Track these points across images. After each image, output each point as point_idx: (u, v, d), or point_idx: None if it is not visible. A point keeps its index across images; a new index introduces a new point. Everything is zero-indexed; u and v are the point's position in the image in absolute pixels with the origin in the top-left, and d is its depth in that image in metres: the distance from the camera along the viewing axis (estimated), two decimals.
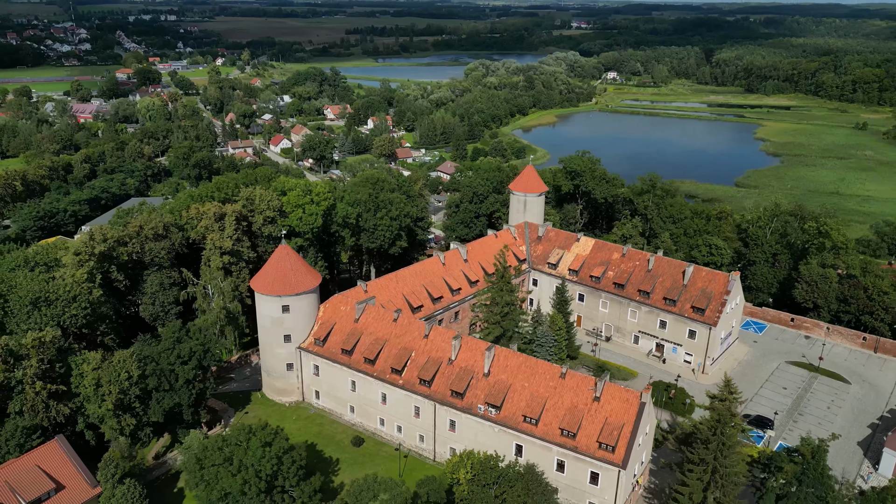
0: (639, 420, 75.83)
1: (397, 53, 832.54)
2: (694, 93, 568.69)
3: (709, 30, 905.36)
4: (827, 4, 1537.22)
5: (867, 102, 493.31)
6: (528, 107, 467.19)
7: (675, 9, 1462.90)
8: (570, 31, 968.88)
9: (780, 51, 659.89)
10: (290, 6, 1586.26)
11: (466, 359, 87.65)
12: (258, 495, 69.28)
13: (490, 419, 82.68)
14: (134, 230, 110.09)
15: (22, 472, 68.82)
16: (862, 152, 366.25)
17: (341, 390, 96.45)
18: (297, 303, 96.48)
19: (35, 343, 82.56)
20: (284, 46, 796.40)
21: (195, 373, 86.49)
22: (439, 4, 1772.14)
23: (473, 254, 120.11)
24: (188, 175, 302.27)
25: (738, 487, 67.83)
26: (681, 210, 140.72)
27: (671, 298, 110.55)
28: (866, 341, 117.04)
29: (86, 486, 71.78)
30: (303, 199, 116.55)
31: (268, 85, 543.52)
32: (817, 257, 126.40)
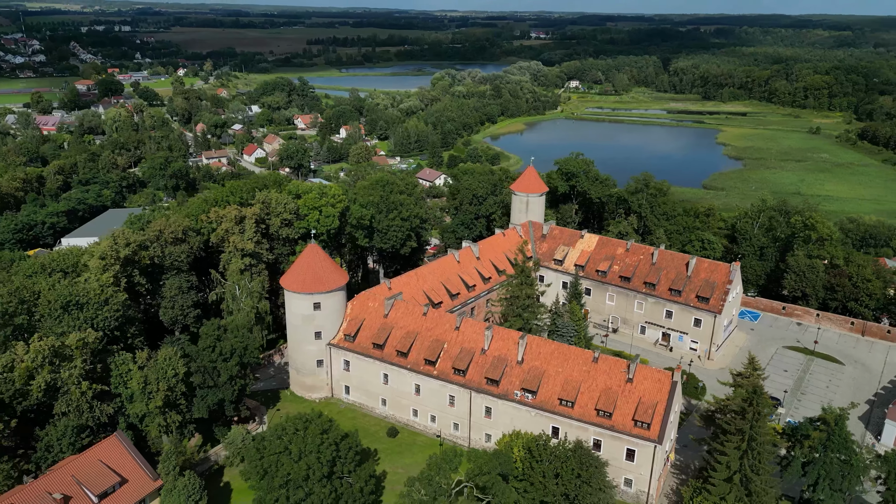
0: (671, 398, 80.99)
1: (360, 63, 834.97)
2: (654, 100, 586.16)
3: (663, 39, 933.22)
4: (771, 15, 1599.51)
5: (818, 108, 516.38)
6: (496, 115, 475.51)
7: (628, 20, 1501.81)
8: (529, 42, 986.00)
9: (734, 59, 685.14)
10: (247, 17, 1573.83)
11: (499, 348, 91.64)
12: (320, 481, 71.77)
13: (527, 404, 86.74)
14: (154, 234, 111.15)
15: (87, 467, 70.05)
16: (818, 155, 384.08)
17: (373, 384, 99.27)
18: (328, 300, 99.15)
19: (79, 344, 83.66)
20: (246, 57, 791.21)
21: (237, 369, 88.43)
22: (397, 15, 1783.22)
23: (485, 252, 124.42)
24: (165, 185, 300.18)
25: (770, 455, 73.29)
26: (673, 207, 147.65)
27: (676, 289, 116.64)
28: (854, 326, 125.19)
29: (147, 479, 73.26)
30: (319, 202, 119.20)
31: (235, 95, 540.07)
32: (804, 249, 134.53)
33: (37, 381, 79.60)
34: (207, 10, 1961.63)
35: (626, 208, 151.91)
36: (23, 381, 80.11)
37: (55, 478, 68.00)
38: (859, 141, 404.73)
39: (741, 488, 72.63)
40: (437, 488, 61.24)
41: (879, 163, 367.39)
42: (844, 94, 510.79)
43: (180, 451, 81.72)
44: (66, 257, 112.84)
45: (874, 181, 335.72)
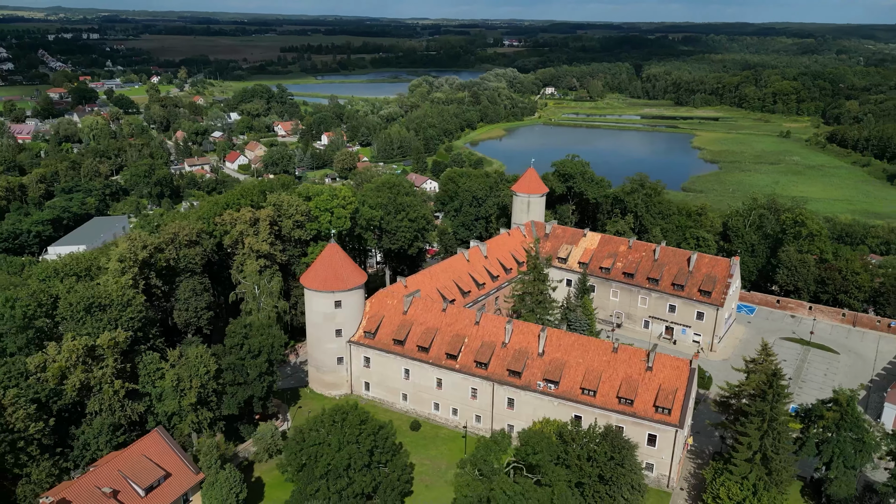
0: (690, 384, 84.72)
1: (336, 71, 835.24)
2: (629, 106, 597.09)
3: (633, 47, 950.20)
4: (735, 23, 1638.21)
5: (787, 113, 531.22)
6: (476, 121, 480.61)
7: (598, 27, 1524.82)
8: (503, 49, 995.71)
9: (704, 66, 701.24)
10: (217, 24, 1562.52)
11: (520, 341, 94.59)
12: (360, 470, 73.77)
13: (549, 394, 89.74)
14: (169, 237, 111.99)
15: (132, 462, 71.06)
16: (790, 158, 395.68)
17: (393, 379, 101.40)
18: (349, 298, 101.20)
19: (111, 343, 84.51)
20: (220, 64, 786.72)
21: (266, 366, 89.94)
22: (369, 23, 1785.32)
23: (492, 251, 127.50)
24: (149, 193, 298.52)
25: (789, 435, 77.26)
26: (668, 207, 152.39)
27: (679, 284, 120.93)
28: (845, 317, 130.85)
29: (189, 473, 74.45)
30: (330, 203, 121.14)
31: (212, 103, 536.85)
32: (794, 244, 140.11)
33: (71, 381, 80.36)
34: (176, 18, 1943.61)
35: (622, 208, 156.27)
36: (56, 380, 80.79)
37: (102, 473, 68.93)
38: (828, 144, 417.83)
39: (761, 467, 76.40)
40: (490, 468, 63.75)
41: (849, 165, 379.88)
42: (812, 99, 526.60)
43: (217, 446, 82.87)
44: (80, 261, 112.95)
45: (845, 182, 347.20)
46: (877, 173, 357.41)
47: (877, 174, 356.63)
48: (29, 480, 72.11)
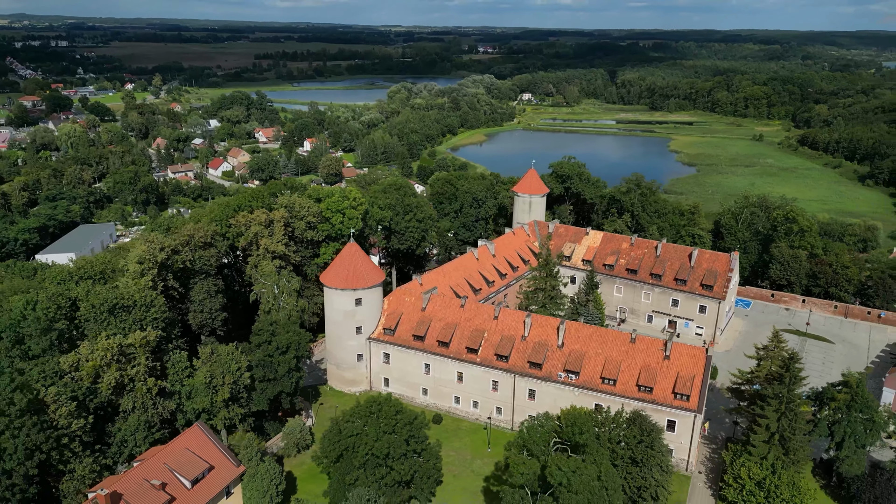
0: (707, 371, 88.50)
1: (312, 78, 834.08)
2: (605, 111, 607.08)
3: (606, 53, 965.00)
4: (703, 30, 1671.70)
5: (758, 117, 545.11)
6: (456, 127, 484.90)
7: (570, 34, 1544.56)
8: (478, 56, 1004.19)
9: (676, 71, 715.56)
10: (188, 31, 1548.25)
11: (539, 334, 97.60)
12: (398, 459, 75.88)
13: (570, 384, 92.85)
14: (184, 239, 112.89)
15: (176, 456, 72.34)
16: (764, 160, 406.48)
17: (413, 374, 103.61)
18: (369, 295, 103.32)
19: (143, 342, 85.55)
20: (195, 71, 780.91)
21: (294, 362, 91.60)
22: (342, 30, 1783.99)
23: (499, 250, 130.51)
24: (134, 200, 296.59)
25: (804, 416, 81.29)
26: (664, 205, 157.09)
27: (681, 279, 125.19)
28: (837, 309, 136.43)
29: (231, 465, 75.87)
30: (342, 204, 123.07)
31: (190, 110, 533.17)
32: (786, 240, 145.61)
33: (106, 379, 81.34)
34: (145, 25, 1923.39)
35: (619, 207, 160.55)
36: (90, 379, 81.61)
37: (149, 466, 70.13)
38: (800, 147, 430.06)
39: (779, 448, 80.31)
40: (539, 448, 66.41)
41: (821, 166, 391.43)
42: (782, 103, 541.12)
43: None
44: (94, 264, 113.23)
45: (818, 184, 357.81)
46: (848, 174, 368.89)
47: (848, 175, 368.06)
48: (72, 477, 72.93)
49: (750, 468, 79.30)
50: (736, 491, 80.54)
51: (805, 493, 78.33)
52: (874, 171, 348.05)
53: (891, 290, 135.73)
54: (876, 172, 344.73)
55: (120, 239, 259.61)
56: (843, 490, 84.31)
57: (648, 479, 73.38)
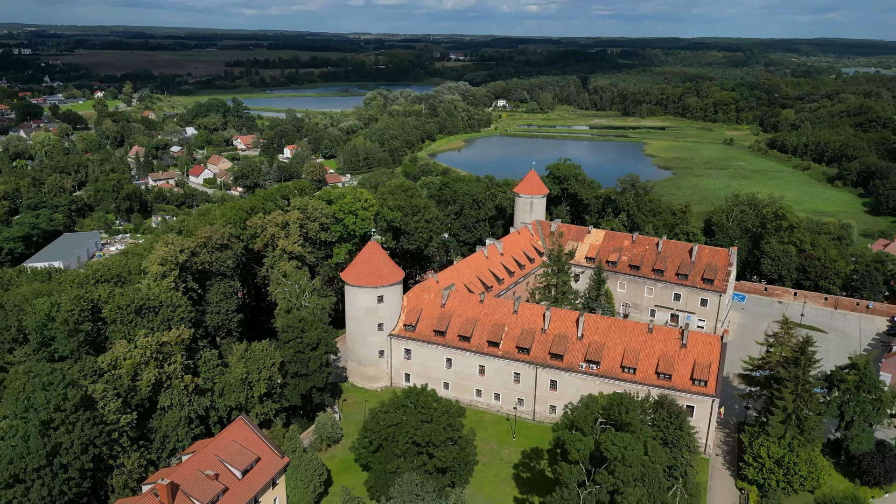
0: (723, 357, 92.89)
1: (285, 85, 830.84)
2: (578, 117, 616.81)
3: (577, 60, 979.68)
4: (667, 38, 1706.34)
5: (727, 121, 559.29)
6: (435, 133, 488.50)
7: (538, 42, 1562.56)
8: (451, 63, 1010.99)
9: (646, 77, 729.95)
10: (154, 39, 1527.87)
11: (558, 326, 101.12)
12: (438, 446, 78.39)
13: (591, 374, 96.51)
14: (202, 240, 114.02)
15: (225, 448, 73.92)
16: (736, 163, 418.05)
17: (435, 369, 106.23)
18: (390, 293, 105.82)
19: (178, 340, 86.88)
20: (166, 79, 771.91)
21: (325, 357, 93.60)
22: (310, 38, 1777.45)
23: (506, 249, 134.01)
24: (117, 208, 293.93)
25: (818, 396, 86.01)
26: (658, 205, 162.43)
27: (683, 273, 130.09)
28: (827, 301, 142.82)
29: (276, 457, 77.62)
30: (354, 206, 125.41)
31: (164, 117, 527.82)
32: (776, 236, 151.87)
33: (145, 376, 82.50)
34: (108, 33, 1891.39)
35: (614, 207, 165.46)
36: (129, 377, 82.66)
37: (201, 458, 71.58)
38: (770, 150, 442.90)
39: (795, 428, 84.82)
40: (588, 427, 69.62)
41: (791, 169, 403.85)
42: (750, 108, 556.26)
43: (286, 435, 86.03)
44: (111, 268, 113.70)
45: (789, 185, 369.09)
46: (817, 176, 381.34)
47: (817, 176, 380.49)
48: (122, 472, 73.97)
49: (769, 447, 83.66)
50: (756, 470, 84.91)
51: (821, 468, 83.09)
52: (842, 172, 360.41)
53: (876, 282, 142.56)
54: (844, 174, 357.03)
55: (105, 247, 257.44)
56: (852, 467, 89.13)
57: (679, 459, 77.12)
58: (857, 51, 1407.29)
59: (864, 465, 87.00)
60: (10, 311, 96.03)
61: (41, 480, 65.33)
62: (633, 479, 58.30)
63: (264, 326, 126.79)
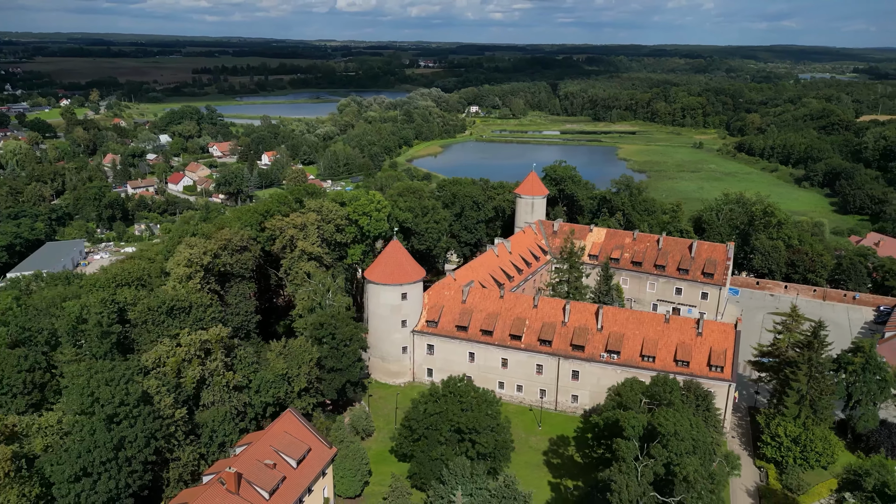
0: (737, 344, 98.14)
1: (255, 92, 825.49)
2: (551, 122, 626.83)
3: (544, 67, 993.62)
4: (631, 45, 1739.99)
5: (695, 126, 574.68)
6: (412, 138, 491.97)
7: (504, 49, 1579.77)
8: (420, 70, 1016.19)
9: (614, 83, 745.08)
10: (116, 46, 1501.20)
11: (578, 319, 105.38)
12: (481, 433, 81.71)
13: (612, 363, 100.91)
14: (223, 243, 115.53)
15: (279, 439, 76.10)
16: (707, 166, 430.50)
17: (457, 363, 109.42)
18: (413, 290, 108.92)
19: (218, 338, 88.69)
20: (133, 86, 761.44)
21: (359, 353, 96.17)
22: (276, 45, 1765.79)
23: (513, 248, 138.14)
24: (99, 216, 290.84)
25: (829, 378, 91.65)
26: (652, 204, 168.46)
27: (684, 268, 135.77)
28: (816, 293, 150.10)
29: (324, 447, 79.97)
30: (368, 207, 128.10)
31: (136, 125, 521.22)
32: (765, 232, 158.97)
33: (190, 373, 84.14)
34: (66, 40, 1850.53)
35: (610, 207, 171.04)
36: (174, 374, 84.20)
37: (257, 449, 73.62)
38: (738, 153, 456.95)
39: (808, 408, 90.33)
40: (637, 407, 73.66)
41: (759, 171, 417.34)
42: (716, 113, 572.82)
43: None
44: (131, 271, 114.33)
45: (759, 186, 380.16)
46: (785, 177, 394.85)
47: (785, 178, 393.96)
48: (178, 464, 75.58)
49: (786, 427, 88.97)
50: (774, 448, 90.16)
51: (835, 445, 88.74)
52: (809, 173, 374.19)
53: (861, 274, 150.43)
54: (811, 175, 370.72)
55: (90, 256, 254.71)
56: (860, 444, 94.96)
57: (707, 438, 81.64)
58: (812, 57, 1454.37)
59: (871, 441, 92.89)
60: (41, 314, 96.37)
61: (108, 473, 66.78)
62: (685, 451, 62.53)
63: (271, 329, 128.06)
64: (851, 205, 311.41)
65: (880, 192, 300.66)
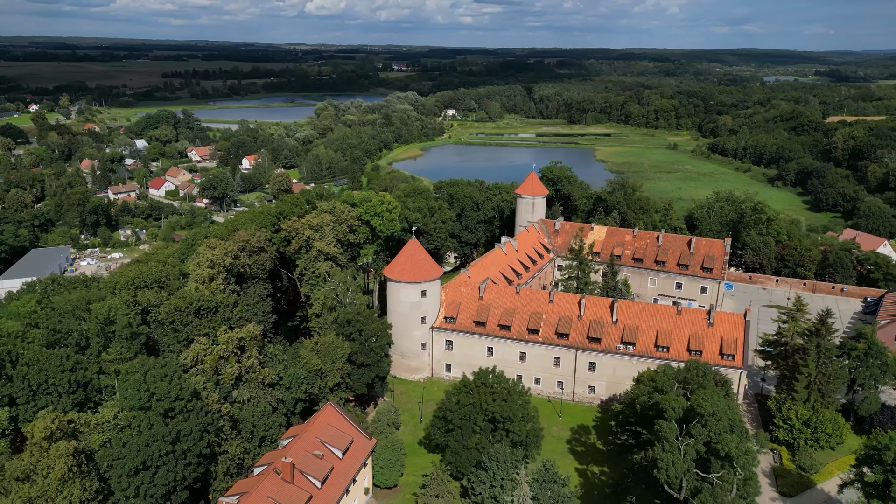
0: (747, 333, 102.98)
1: (228, 96, 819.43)
2: (527, 125, 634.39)
3: (517, 70, 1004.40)
4: (600, 49, 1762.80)
5: (668, 128, 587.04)
6: (392, 142, 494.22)
7: (475, 53, 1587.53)
8: (395, 74, 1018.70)
9: (588, 86, 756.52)
10: (82, 50, 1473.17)
11: (593, 313, 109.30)
12: (514, 422, 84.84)
13: (628, 354, 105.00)
14: (241, 244, 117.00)
15: (323, 430, 78.44)
16: (683, 167, 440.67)
17: (476, 358, 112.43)
18: (433, 288, 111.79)
19: (252, 335, 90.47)
20: (103, 91, 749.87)
21: (387, 348, 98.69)
22: (244, 49, 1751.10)
23: (519, 246, 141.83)
24: (82, 222, 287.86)
25: (836, 363, 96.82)
26: (646, 203, 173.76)
27: (684, 264, 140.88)
28: (806, 285, 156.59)
29: (365, 438, 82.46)
30: (379, 209, 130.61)
31: (111, 130, 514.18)
32: (755, 228, 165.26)
33: (228, 370, 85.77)
34: (27, 44, 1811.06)
35: (605, 206, 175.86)
36: (212, 371, 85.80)
37: (305, 440, 75.89)
38: (712, 154, 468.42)
39: (817, 392, 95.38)
40: (667, 390, 77.54)
41: (733, 171, 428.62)
42: (689, 115, 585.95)
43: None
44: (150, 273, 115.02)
45: (734, 185, 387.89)
46: (758, 177, 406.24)
47: (758, 178, 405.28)
48: (226, 457, 77.30)
49: (797, 410, 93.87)
50: (786, 431, 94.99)
51: (843, 426, 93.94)
52: (781, 173, 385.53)
53: (847, 267, 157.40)
54: (783, 174, 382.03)
55: (76, 262, 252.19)
56: (864, 425, 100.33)
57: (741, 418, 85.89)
58: (775, 60, 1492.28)
59: (875, 422, 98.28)
60: (68, 316, 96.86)
61: (166, 466, 68.41)
62: (723, 430, 66.51)
63: (278, 331, 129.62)
64: (824, 203, 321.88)
65: (851, 191, 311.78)
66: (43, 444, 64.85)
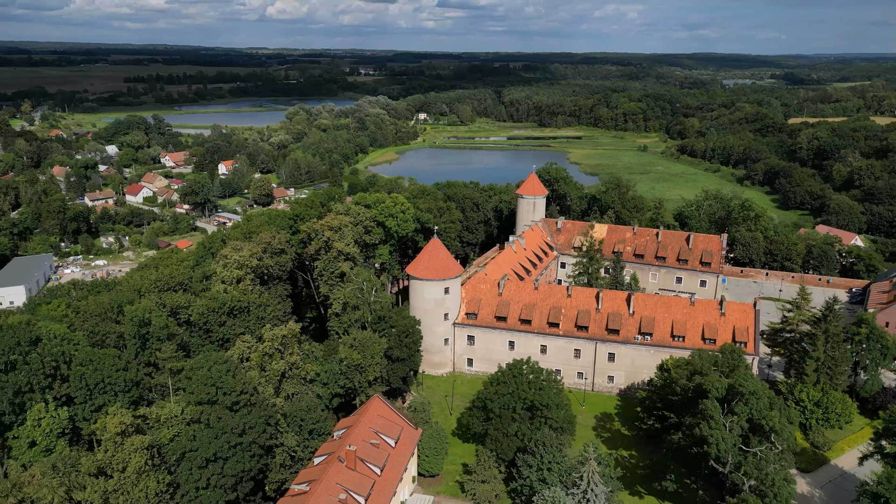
0: (757, 321, 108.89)
1: (194, 101, 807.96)
2: (499, 129, 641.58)
3: (484, 74, 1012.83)
4: (563, 53, 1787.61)
5: (637, 130, 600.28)
6: (367, 146, 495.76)
7: (439, 57, 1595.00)
8: (363, 78, 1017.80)
9: (556, 90, 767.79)
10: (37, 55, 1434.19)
11: (610, 306, 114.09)
12: (554, 408, 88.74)
13: (646, 344, 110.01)
14: (263, 246, 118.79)
15: (375, 421, 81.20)
16: (655, 168, 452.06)
17: (497, 352, 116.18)
18: (454, 285, 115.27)
19: (293, 333, 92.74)
20: (65, 96, 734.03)
21: (420, 343, 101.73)
22: (205, 53, 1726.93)
23: (528, 244, 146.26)
24: (62, 230, 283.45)
25: (844, 345, 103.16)
26: (640, 201, 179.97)
27: (683, 259, 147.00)
28: (794, 278, 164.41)
29: (411, 428, 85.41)
30: (393, 209, 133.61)
31: (78, 136, 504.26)
32: (744, 225, 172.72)
33: (273, 367, 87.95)
34: None
35: (600, 205, 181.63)
36: (258, 367, 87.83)
37: (359, 431, 78.55)
38: (681, 155, 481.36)
39: (825, 375, 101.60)
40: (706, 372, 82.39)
41: (703, 172, 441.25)
42: (656, 117, 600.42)
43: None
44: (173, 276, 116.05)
45: (706, 185, 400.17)
46: (727, 177, 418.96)
47: (727, 178, 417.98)
48: (283, 449, 79.45)
49: (808, 392, 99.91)
50: (798, 412, 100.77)
51: (851, 405, 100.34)
52: (750, 173, 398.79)
53: (831, 261, 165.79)
54: (752, 174, 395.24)
55: (59, 269, 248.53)
56: (868, 406, 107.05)
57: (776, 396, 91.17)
58: (732, 64, 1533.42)
59: (878, 402, 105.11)
60: (102, 319, 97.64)
61: (235, 458, 70.47)
62: (764, 408, 71.47)
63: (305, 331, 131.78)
64: (792, 201, 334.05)
65: (818, 189, 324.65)
66: (117, 440, 66.34)
